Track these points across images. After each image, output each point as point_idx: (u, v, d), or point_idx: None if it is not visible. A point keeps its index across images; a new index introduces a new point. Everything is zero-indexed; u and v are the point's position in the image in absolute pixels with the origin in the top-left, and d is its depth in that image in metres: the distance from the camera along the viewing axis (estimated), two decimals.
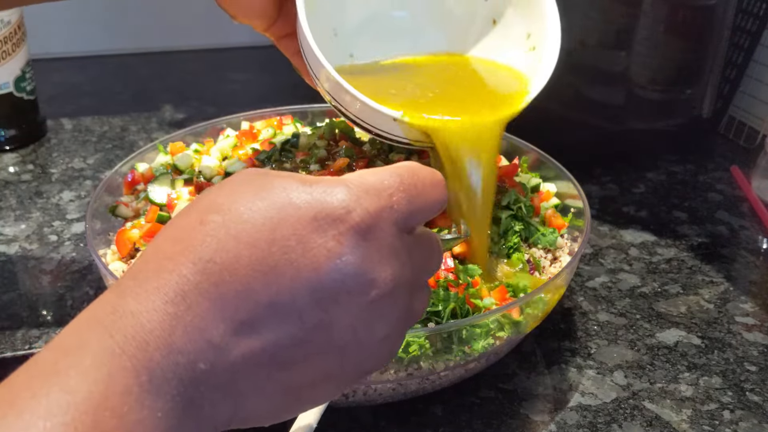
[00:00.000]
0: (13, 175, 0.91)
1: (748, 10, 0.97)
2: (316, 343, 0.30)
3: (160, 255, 0.29)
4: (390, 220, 0.31)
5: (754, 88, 0.99)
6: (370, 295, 0.31)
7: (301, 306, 0.29)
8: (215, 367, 0.28)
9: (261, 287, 0.29)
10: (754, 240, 0.81)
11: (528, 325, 0.57)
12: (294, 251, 0.29)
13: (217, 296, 0.28)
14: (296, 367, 0.30)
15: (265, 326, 0.29)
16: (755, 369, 0.63)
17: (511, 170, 0.71)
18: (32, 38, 0.97)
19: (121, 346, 0.27)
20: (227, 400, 0.29)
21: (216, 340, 0.28)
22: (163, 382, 0.27)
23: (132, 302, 0.28)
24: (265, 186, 0.30)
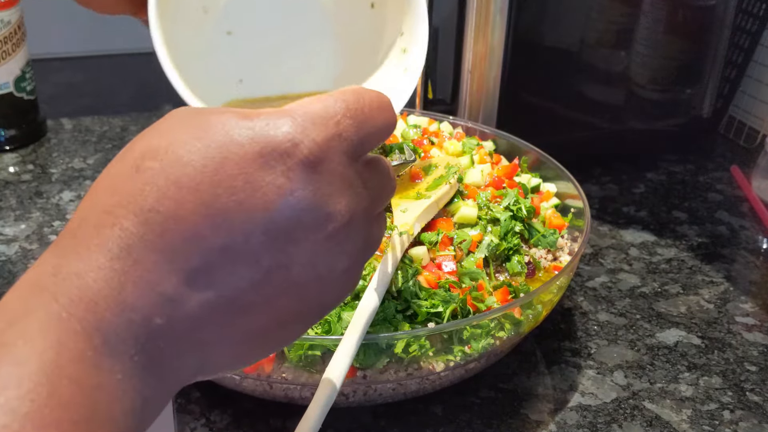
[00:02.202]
0: (13, 175, 0.91)
1: (748, 10, 0.97)
2: (275, 284, 0.29)
3: (98, 208, 0.27)
4: (339, 150, 0.30)
5: (754, 88, 0.99)
6: (326, 230, 0.29)
7: (255, 247, 0.28)
8: (172, 320, 0.27)
9: (210, 232, 0.27)
10: (754, 240, 0.81)
11: (528, 325, 0.57)
12: (242, 191, 0.27)
13: (164, 247, 0.26)
14: (258, 310, 0.29)
15: (220, 272, 0.27)
16: (755, 369, 0.63)
17: (511, 170, 0.71)
18: (32, 38, 0.97)
19: (68, 310, 0.25)
20: (190, 353, 0.28)
21: (169, 293, 0.27)
22: (118, 342, 0.26)
23: (74, 262, 0.26)
24: (202, 125, 0.28)
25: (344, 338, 0.48)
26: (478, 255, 0.59)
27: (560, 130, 0.90)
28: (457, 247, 0.59)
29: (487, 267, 0.60)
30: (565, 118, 0.90)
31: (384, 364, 0.52)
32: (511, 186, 0.67)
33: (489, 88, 0.84)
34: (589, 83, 0.89)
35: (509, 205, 0.63)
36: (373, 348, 0.51)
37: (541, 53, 0.85)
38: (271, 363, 0.52)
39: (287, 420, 0.56)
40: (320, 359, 0.52)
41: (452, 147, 0.73)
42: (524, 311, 0.56)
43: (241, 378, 0.54)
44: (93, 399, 0.25)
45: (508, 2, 0.79)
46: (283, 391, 0.54)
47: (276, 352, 0.52)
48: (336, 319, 0.52)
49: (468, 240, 0.60)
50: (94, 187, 0.28)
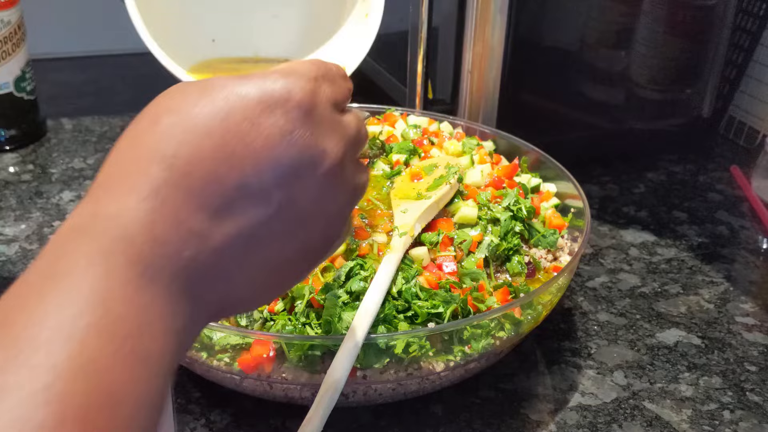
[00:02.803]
0: (13, 175, 0.91)
1: (748, 10, 0.97)
2: (285, 218, 0.33)
3: (123, 161, 0.31)
4: (324, 98, 0.34)
5: (754, 88, 0.99)
6: (324, 166, 0.33)
7: (266, 185, 0.32)
8: (200, 253, 0.30)
9: (226, 172, 0.31)
10: (754, 240, 0.81)
11: (528, 325, 0.57)
12: (249, 134, 0.31)
13: (188, 187, 0.30)
14: (273, 244, 0.33)
15: (238, 209, 0.31)
16: (755, 369, 0.63)
17: (511, 170, 0.71)
18: (32, 38, 0.97)
19: (109, 247, 0.28)
20: (216, 284, 0.31)
21: (196, 228, 0.30)
22: (155, 272, 0.29)
23: (109, 206, 0.29)
24: (206, 86, 0.32)
25: (345, 339, 0.48)
26: (478, 255, 0.59)
27: (560, 130, 0.90)
28: (457, 248, 0.59)
29: (488, 267, 0.60)
30: (565, 118, 0.90)
31: (384, 364, 0.52)
32: (511, 186, 0.67)
33: (489, 88, 0.84)
34: (589, 83, 0.89)
35: (509, 205, 0.63)
36: (373, 348, 0.51)
37: (541, 53, 0.85)
38: (271, 363, 0.52)
39: (287, 420, 0.56)
40: (320, 359, 0.52)
41: (452, 147, 0.73)
42: (524, 311, 0.56)
43: (241, 378, 0.54)
44: (141, 316, 0.28)
45: (508, 2, 0.79)
46: (283, 391, 0.54)
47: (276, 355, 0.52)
48: (336, 319, 0.52)
49: (468, 240, 0.60)
50: (116, 146, 0.32)
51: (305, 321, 0.53)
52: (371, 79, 1.03)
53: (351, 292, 0.54)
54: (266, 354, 0.52)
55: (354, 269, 0.55)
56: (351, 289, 0.54)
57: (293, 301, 0.54)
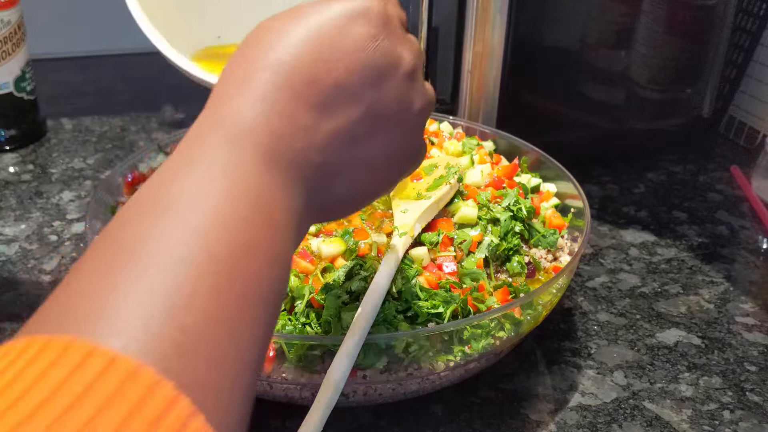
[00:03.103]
0: (13, 175, 0.91)
1: (748, 10, 0.97)
2: (375, 116, 0.37)
3: (234, 75, 0.35)
4: (395, 14, 0.39)
5: (754, 88, 0.99)
6: (403, 69, 0.38)
7: (357, 84, 0.36)
8: (308, 145, 0.35)
9: (324, 74, 0.35)
10: (754, 240, 0.81)
11: (528, 325, 0.57)
12: (339, 41, 0.36)
13: (294, 88, 0.34)
14: (367, 141, 0.37)
15: (336, 106, 0.36)
16: (755, 369, 0.63)
17: (511, 170, 0.71)
18: (32, 38, 0.97)
19: (236, 136, 0.32)
20: (322, 178, 0.36)
21: (302, 122, 0.34)
22: (276, 157, 0.33)
23: (229, 107, 0.34)
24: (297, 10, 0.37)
25: (345, 339, 0.48)
26: (478, 255, 0.59)
27: (560, 130, 0.90)
28: (457, 248, 0.59)
29: (488, 267, 0.60)
30: (565, 118, 0.90)
31: (384, 364, 0.52)
32: (511, 186, 0.67)
33: (489, 88, 0.84)
34: (589, 83, 0.89)
35: (509, 205, 0.63)
36: (373, 348, 0.51)
37: (541, 53, 0.85)
38: (271, 363, 0.52)
39: (287, 420, 0.56)
40: (320, 359, 0.52)
41: (452, 147, 0.73)
42: (524, 311, 0.56)
43: None
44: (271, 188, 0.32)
45: (508, 2, 0.79)
46: (283, 391, 0.54)
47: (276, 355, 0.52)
48: (336, 319, 0.52)
49: (468, 240, 0.60)
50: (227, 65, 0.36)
51: (305, 321, 0.53)
52: None
53: (351, 292, 0.54)
54: (266, 354, 0.52)
55: (354, 269, 0.55)
56: (351, 289, 0.54)
57: (293, 301, 0.54)
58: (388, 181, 0.42)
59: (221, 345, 0.27)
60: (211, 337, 0.26)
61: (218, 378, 0.26)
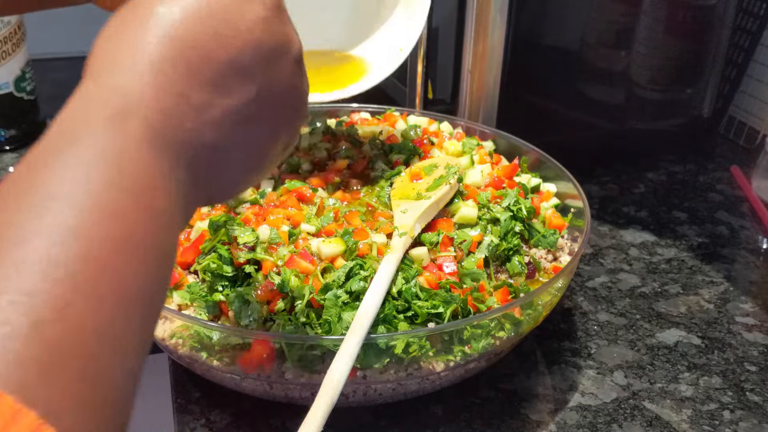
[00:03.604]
0: None
1: (748, 10, 0.97)
2: (267, 96, 0.36)
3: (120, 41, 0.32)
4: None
5: (754, 88, 0.99)
6: (293, 52, 0.38)
7: (251, 63, 0.35)
8: (200, 125, 0.33)
9: (217, 50, 0.33)
10: (754, 240, 0.81)
11: (528, 325, 0.57)
12: (234, 19, 0.34)
13: (186, 63, 0.32)
14: (260, 119, 0.36)
15: (229, 85, 0.34)
16: (755, 369, 0.63)
17: (511, 170, 0.71)
18: (32, 38, 0.97)
19: (120, 114, 0.30)
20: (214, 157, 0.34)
21: (194, 101, 0.32)
22: (165, 138, 0.31)
23: (116, 78, 0.31)
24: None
25: (345, 339, 0.48)
26: (478, 255, 0.59)
27: (560, 130, 0.90)
28: (457, 248, 0.59)
29: (488, 267, 0.60)
30: (565, 118, 0.90)
31: (384, 364, 0.52)
32: (511, 186, 0.67)
33: (489, 88, 0.84)
34: (589, 83, 0.89)
35: (509, 205, 0.63)
36: (373, 348, 0.51)
37: (541, 53, 0.85)
38: (271, 363, 0.52)
39: (287, 420, 0.56)
40: (320, 359, 0.52)
41: (452, 147, 0.73)
42: (524, 311, 0.56)
43: (241, 378, 0.54)
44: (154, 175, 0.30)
45: (508, 2, 0.79)
46: (283, 391, 0.54)
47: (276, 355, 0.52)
48: (336, 319, 0.52)
49: (468, 240, 0.60)
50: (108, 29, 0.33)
51: (305, 321, 0.53)
52: None
53: (351, 292, 0.54)
54: (266, 354, 0.52)
55: (354, 269, 0.55)
56: (351, 289, 0.54)
57: (293, 301, 0.54)
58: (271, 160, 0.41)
59: (97, 359, 0.25)
60: (84, 351, 0.24)
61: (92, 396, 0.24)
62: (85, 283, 0.25)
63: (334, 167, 0.68)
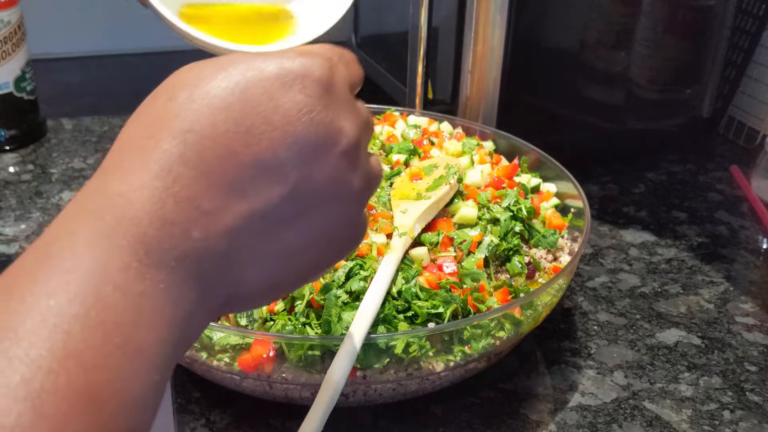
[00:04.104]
0: (13, 175, 0.91)
1: (748, 11, 0.97)
2: (302, 198, 0.31)
3: (137, 136, 0.29)
4: (342, 77, 0.33)
5: (754, 88, 0.99)
6: (341, 144, 0.32)
7: (283, 162, 0.30)
8: (209, 233, 0.29)
9: (242, 148, 0.29)
10: (754, 240, 0.81)
11: (528, 325, 0.57)
12: (267, 108, 0.30)
13: (202, 163, 0.29)
14: (288, 226, 0.32)
15: (253, 186, 0.30)
16: (755, 369, 0.63)
17: (511, 170, 0.71)
18: (32, 38, 0.97)
19: (112, 227, 0.27)
20: (226, 269, 0.30)
21: (206, 207, 0.29)
22: (161, 254, 0.28)
23: (118, 184, 0.28)
24: (224, 61, 0.31)
25: (345, 339, 0.48)
26: (478, 255, 0.59)
27: (560, 130, 0.90)
28: (457, 248, 0.59)
29: (488, 267, 0.60)
30: (565, 118, 0.90)
31: (384, 364, 0.52)
32: (511, 186, 0.67)
33: (489, 88, 0.84)
34: (589, 83, 0.89)
35: (509, 205, 0.63)
36: (373, 348, 0.51)
37: (541, 53, 0.85)
38: (271, 363, 0.52)
39: (287, 420, 0.56)
40: (320, 359, 0.52)
41: (452, 147, 0.73)
42: (524, 311, 0.56)
43: (241, 378, 0.54)
44: (137, 305, 0.26)
45: (508, 2, 0.79)
46: (283, 391, 0.54)
47: (276, 355, 0.52)
48: (336, 319, 0.52)
49: (468, 240, 0.60)
50: (129, 121, 0.31)
51: (305, 321, 0.53)
52: (371, 79, 1.03)
53: (351, 292, 0.54)
54: (266, 354, 0.52)
55: (353, 269, 0.55)
56: (351, 289, 0.54)
57: (293, 301, 0.54)
58: (315, 268, 0.35)
59: None
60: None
61: None
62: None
63: None
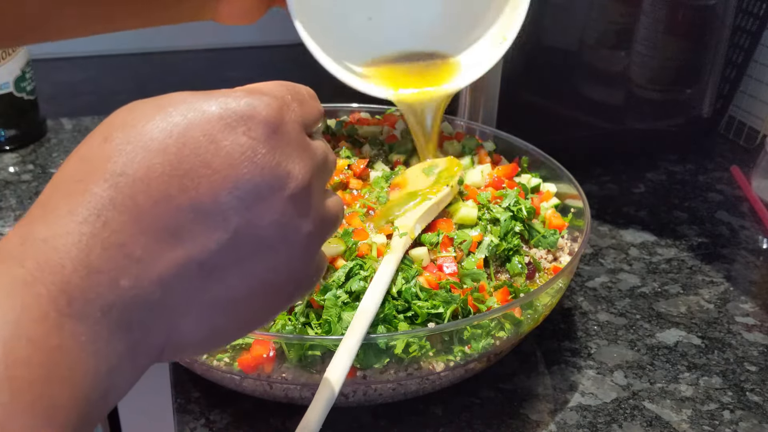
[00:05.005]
0: (13, 175, 0.91)
1: (748, 10, 0.97)
2: (244, 245, 0.30)
3: (67, 179, 0.28)
4: (292, 118, 0.32)
5: (754, 88, 0.99)
6: (289, 188, 0.31)
7: (223, 207, 0.29)
8: (140, 282, 0.27)
9: (178, 192, 0.28)
10: (754, 240, 0.81)
11: (528, 325, 0.57)
12: (207, 151, 0.29)
13: (134, 208, 0.27)
14: (229, 275, 0.30)
15: (189, 232, 0.28)
16: (755, 369, 0.63)
17: (511, 171, 0.71)
18: None
19: (33, 274, 0.26)
20: (159, 320, 0.28)
21: (137, 254, 0.27)
22: (85, 304, 0.26)
23: (42, 229, 0.27)
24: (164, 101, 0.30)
25: (345, 339, 0.48)
26: (478, 255, 0.59)
27: (560, 130, 0.90)
28: (457, 248, 0.59)
29: (488, 268, 0.60)
30: (565, 118, 0.90)
31: (384, 364, 0.52)
32: (511, 186, 0.67)
33: (489, 88, 0.84)
34: (589, 83, 0.89)
35: (509, 205, 0.63)
36: (373, 348, 0.51)
37: (541, 53, 0.85)
38: (271, 363, 0.52)
39: (287, 420, 0.56)
40: (320, 359, 0.52)
41: (452, 147, 0.73)
42: (524, 311, 0.56)
43: (241, 378, 0.54)
44: (52, 359, 0.25)
45: None
46: (283, 391, 0.54)
47: (276, 355, 0.52)
48: (336, 319, 0.52)
49: (468, 240, 0.60)
50: (65, 162, 0.29)
51: (305, 321, 0.53)
52: None
53: (351, 292, 0.54)
54: (266, 354, 0.52)
55: (353, 269, 0.55)
56: (351, 289, 0.54)
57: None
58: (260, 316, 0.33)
59: None
60: None
61: None
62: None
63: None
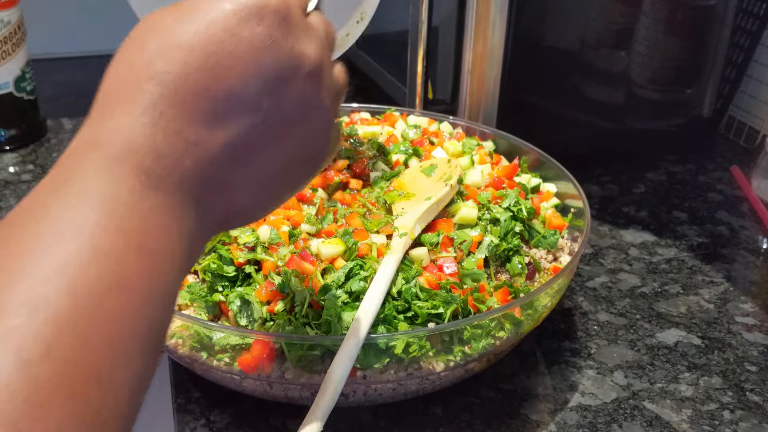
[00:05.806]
0: (13, 175, 0.91)
1: (748, 10, 0.97)
2: (275, 122, 0.35)
3: (117, 84, 0.33)
4: (295, 4, 0.36)
5: (754, 88, 0.99)
6: (305, 68, 0.35)
7: (253, 92, 0.33)
8: (199, 162, 0.32)
9: (213, 83, 0.32)
10: (754, 240, 0.81)
11: (528, 325, 0.57)
12: (229, 43, 0.33)
13: (181, 100, 0.32)
14: (267, 149, 0.35)
15: (229, 117, 0.33)
16: (755, 369, 0.63)
17: (511, 171, 0.71)
18: (32, 38, 0.97)
19: (114, 157, 0.30)
20: (218, 192, 0.34)
21: (192, 138, 0.32)
22: (159, 181, 0.31)
23: (110, 122, 0.31)
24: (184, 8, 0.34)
25: (345, 339, 0.48)
26: (478, 255, 0.59)
27: (560, 130, 0.90)
28: (457, 248, 0.59)
29: (488, 268, 0.60)
30: (565, 118, 0.90)
31: (384, 364, 0.52)
32: (511, 186, 0.67)
33: (489, 88, 0.84)
34: (589, 83, 0.89)
35: (509, 205, 0.63)
36: (373, 348, 0.51)
37: (541, 53, 0.85)
38: (271, 363, 0.52)
39: (287, 420, 0.56)
40: (320, 359, 0.52)
41: (452, 147, 0.73)
42: (524, 311, 0.56)
43: (241, 378, 0.54)
44: (147, 219, 0.30)
45: (508, 2, 0.79)
46: (283, 391, 0.54)
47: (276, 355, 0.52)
48: (336, 319, 0.52)
49: (468, 240, 0.60)
50: (107, 75, 0.34)
51: (305, 321, 0.53)
52: (371, 79, 1.03)
53: (351, 292, 0.54)
54: (266, 354, 0.52)
55: (354, 270, 0.55)
56: (351, 290, 0.54)
57: (293, 301, 0.54)
58: (300, 181, 0.40)
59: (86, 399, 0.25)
60: (72, 391, 0.24)
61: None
62: (72, 324, 0.25)
63: (334, 167, 0.68)
